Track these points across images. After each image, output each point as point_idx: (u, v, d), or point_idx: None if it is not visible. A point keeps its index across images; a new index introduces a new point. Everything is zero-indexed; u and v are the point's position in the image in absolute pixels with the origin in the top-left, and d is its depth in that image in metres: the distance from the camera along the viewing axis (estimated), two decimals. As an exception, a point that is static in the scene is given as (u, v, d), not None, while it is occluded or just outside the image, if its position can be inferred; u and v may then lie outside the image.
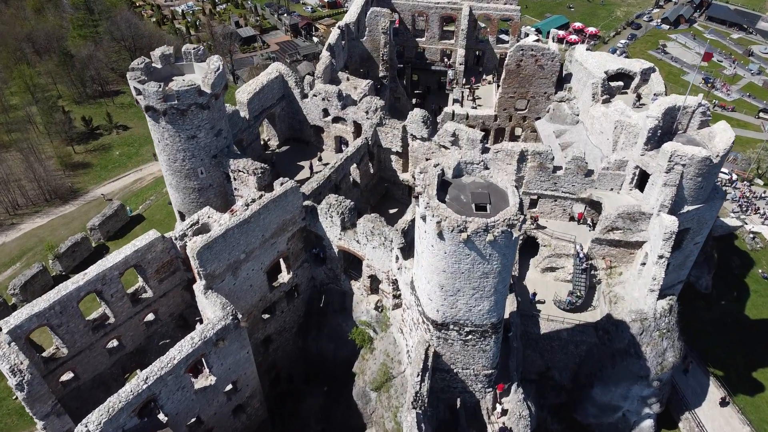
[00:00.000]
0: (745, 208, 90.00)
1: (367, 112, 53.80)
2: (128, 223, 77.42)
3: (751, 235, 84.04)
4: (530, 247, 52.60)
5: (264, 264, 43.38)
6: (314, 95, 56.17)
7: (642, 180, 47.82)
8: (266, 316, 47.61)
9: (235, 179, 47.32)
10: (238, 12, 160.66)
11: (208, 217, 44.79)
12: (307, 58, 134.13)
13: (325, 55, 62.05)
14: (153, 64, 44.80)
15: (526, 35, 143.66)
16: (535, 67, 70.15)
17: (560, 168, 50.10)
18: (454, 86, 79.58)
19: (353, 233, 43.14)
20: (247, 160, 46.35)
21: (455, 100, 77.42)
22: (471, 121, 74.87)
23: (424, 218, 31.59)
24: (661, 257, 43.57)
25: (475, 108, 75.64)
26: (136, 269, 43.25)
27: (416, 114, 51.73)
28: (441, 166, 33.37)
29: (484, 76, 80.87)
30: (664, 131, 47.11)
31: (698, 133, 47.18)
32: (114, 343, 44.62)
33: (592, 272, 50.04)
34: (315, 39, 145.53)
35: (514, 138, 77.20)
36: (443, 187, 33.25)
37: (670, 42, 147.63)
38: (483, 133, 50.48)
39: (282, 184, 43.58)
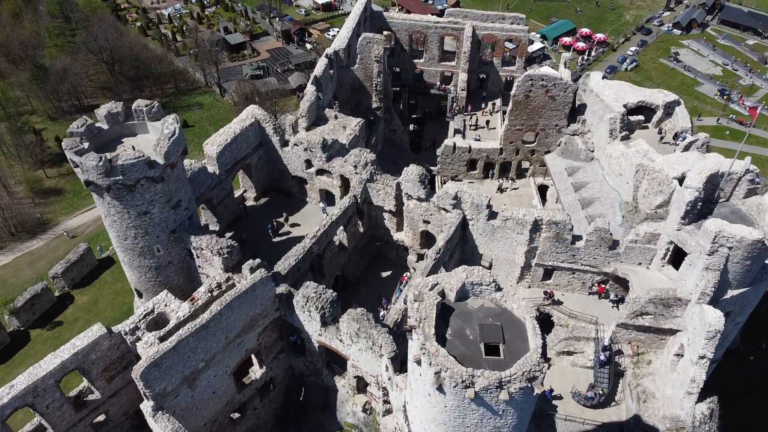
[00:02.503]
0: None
1: (356, 167, 46.62)
2: (96, 268, 69.83)
3: (778, 274, 77.11)
4: (544, 324, 45.56)
5: (229, 367, 36.31)
6: (296, 144, 48.90)
7: (677, 256, 40.75)
8: (236, 415, 40.71)
9: (198, 257, 40.17)
10: (228, 16, 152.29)
11: (165, 305, 37.70)
12: (299, 68, 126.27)
13: (310, 90, 54.62)
14: (97, 124, 37.36)
15: (531, 42, 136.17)
16: (545, 99, 63.05)
17: (580, 238, 42.98)
18: (455, 112, 72.30)
19: (335, 330, 36.10)
20: (210, 237, 39.00)
21: (456, 131, 70.25)
22: (474, 154, 67.96)
23: (418, 362, 24.60)
24: (702, 357, 36.57)
25: (479, 140, 68.50)
26: (79, 371, 36.32)
27: (412, 171, 44.56)
28: (441, 287, 26.28)
29: (482, 105, 73.35)
30: (704, 200, 39.98)
31: (744, 203, 40.06)
32: (55, 453, 37.82)
33: (617, 358, 43.10)
34: (308, 46, 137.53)
35: (521, 172, 70.17)
36: (443, 312, 26.18)
37: (682, 49, 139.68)
38: (489, 197, 43.29)
39: (251, 268, 36.48)
